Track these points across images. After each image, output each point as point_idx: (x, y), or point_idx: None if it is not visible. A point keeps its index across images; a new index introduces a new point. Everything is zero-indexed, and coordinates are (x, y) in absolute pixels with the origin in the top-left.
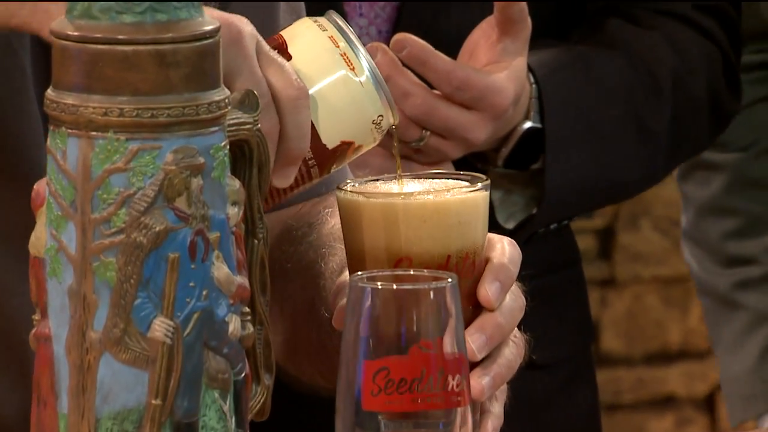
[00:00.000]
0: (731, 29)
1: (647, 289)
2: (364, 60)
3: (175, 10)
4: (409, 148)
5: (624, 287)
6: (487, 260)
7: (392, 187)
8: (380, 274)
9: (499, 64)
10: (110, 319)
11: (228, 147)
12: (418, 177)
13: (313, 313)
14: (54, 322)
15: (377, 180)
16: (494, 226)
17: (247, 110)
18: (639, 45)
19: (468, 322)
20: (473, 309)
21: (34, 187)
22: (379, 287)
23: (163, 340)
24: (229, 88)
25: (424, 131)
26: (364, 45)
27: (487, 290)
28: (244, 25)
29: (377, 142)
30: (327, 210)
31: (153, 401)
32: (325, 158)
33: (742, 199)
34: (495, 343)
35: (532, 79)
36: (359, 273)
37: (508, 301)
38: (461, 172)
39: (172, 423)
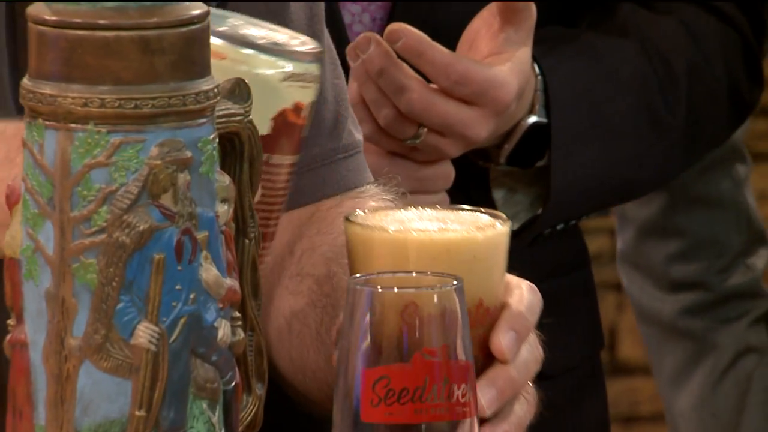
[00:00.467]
0: (753, 13)
1: None
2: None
3: None
4: (404, 146)
5: None
6: (503, 306)
7: (403, 218)
8: (381, 276)
9: (501, 56)
10: (91, 325)
11: (217, 140)
12: (433, 209)
13: (321, 335)
14: (30, 328)
15: (389, 209)
16: None
17: (237, 101)
18: (653, 32)
19: (479, 373)
20: (485, 359)
21: (9, 183)
22: (379, 290)
23: (147, 347)
24: None
25: (420, 128)
26: (359, 35)
27: (501, 340)
28: None
29: (316, 91)
30: (341, 218)
31: (137, 412)
32: (269, 143)
33: (686, 219)
34: (507, 398)
35: (537, 71)
36: (358, 275)
37: (523, 352)
38: (481, 209)
39: None
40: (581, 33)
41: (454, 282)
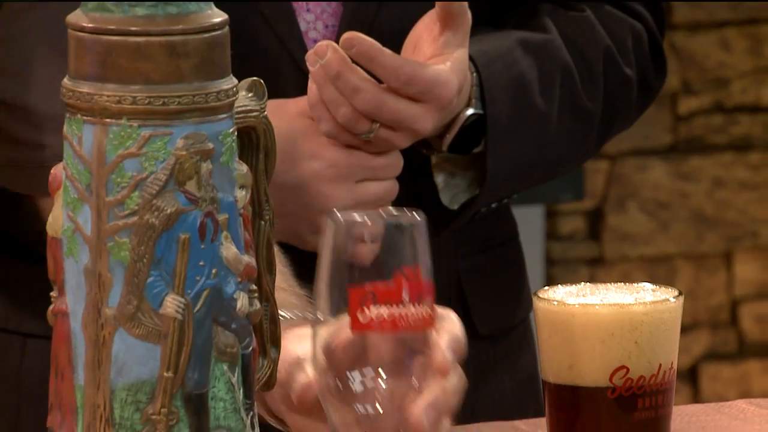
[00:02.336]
0: (656, 9)
1: (634, 267)
2: None
3: (185, 3)
4: (360, 140)
5: (612, 266)
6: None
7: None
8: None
9: (442, 57)
10: (124, 297)
11: (236, 133)
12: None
13: None
14: (71, 299)
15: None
16: (439, 208)
17: (254, 98)
18: (572, 28)
19: None
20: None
21: (52, 171)
22: (359, 220)
23: (174, 316)
24: None
25: (373, 123)
26: (314, 40)
27: (446, 357)
28: None
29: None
30: None
31: (165, 374)
32: None
33: None
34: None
35: (473, 68)
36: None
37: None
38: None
39: (183, 394)
40: (510, 32)
41: (418, 218)
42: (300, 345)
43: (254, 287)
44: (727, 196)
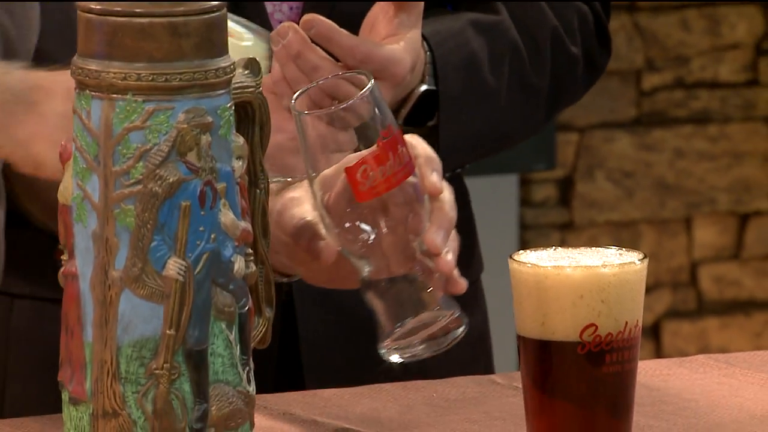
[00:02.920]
0: None
1: (601, 232)
2: (241, 28)
3: None
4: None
5: (581, 230)
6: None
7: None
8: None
9: (396, 37)
10: (129, 260)
11: (233, 108)
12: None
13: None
14: (80, 262)
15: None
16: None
17: (250, 75)
18: (520, 9)
19: None
20: None
21: (62, 143)
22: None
23: (176, 278)
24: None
25: (334, 101)
26: (279, 21)
27: (434, 180)
28: None
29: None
30: None
31: (167, 331)
32: None
33: None
34: (449, 234)
35: (426, 47)
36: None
37: (447, 194)
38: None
39: (185, 350)
40: (462, 14)
41: (371, 81)
42: (298, 208)
43: (250, 251)
44: (687, 165)
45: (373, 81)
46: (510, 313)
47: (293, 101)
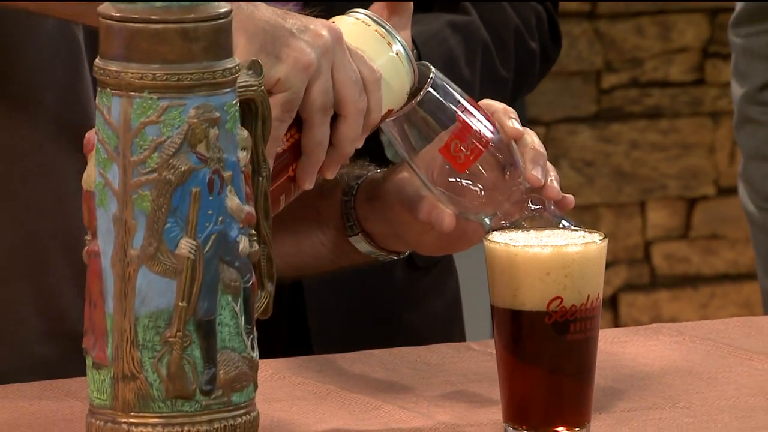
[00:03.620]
0: None
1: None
2: (399, 44)
3: None
4: None
5: None
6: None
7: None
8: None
9: None
10: (146, 240)
11: (238, 104)
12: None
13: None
14: (102, 242)
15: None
16: (384, 162)
17: (253, 75)
18: (488, 11)
19: None
20: None
21: (86, 135)
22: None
23: (187, 256)
24: (332, 76)
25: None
26: None
27: (513, 125)
28: (336, 30)
29: (403, 109)
30: None
31: (180, 303)
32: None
33: None
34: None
35: (413, 47)
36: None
37: (530, 137)
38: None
39: (195, 321)
40: (439, 15)
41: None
42: (410, 186)
43: (254, 232)
44: (641, 155)
45: (433, 69)
46: (483, 285)
47: None
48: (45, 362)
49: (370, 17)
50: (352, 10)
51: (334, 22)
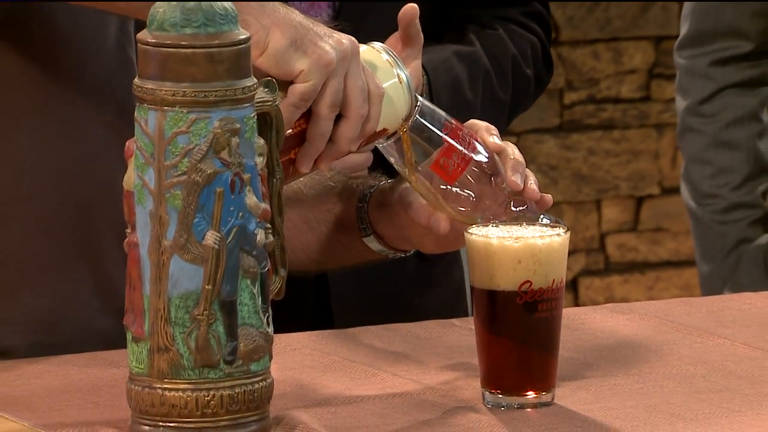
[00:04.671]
0: (546, 26)
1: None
2: (405, 75)
3: (221, 25)
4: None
5: None
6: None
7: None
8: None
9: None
10: (177, 232)
11: (256, 117)
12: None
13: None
14: (140, 234)
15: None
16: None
17: (268, 93)
18: (489, 41)
19: None
20: None
21: (126, 143)
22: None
23: (213, 246)
24: (345, 81)
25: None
26: None
27: (493, 140)
28: (355, 43)
29: (396, 132)
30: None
31: (206, 286)
32: (370, 136)
33: (716, 155)
34: (523, 171)
35: (423, 73)
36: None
37: (510, 148)
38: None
39: (219, 301)
40: (447, 46)
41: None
42: (413, 195)
43: (269, 226)
44: (597, 161)
45: (420, 99)
46: None
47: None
48: (102, 335)
49: (383, 48)
50: (370, 42)
51: None
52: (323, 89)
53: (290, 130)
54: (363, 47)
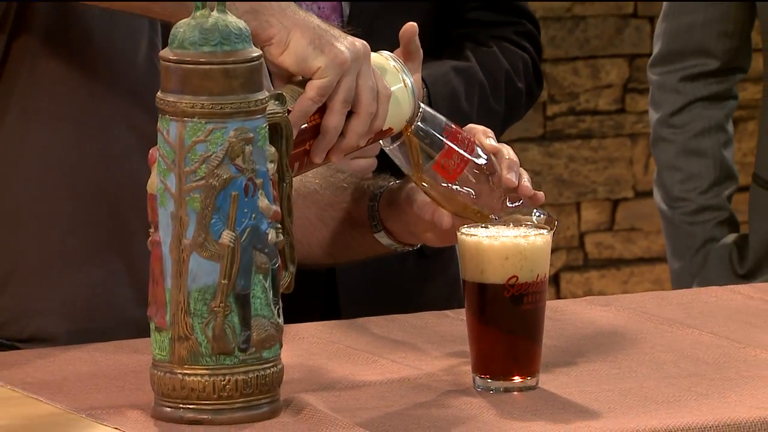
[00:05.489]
0: (536, 44)
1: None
2: (410, 81)
3: (235, 44)
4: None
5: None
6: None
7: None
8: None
9: None
10: (196, 232)
11: (267, 127)
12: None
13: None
14: (162, 233)
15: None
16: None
17: (278, 105)
18: (484, 58)
19: None
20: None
21: (150, 151)
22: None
23: (228, 244)
24: (356, 80)
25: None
26: None
27: (490, 143)
28: (367, 46)
29: (402, 135)
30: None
31: (222, 281)
32: (377, 134)
33: (685, 162)
34: (518, 170)
35: (424, 86)
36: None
37: (505, 149)
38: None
39: (234, 294)
40: (445, 62)
41: (421, 109)
42: (419, 194)
43: (279, 226)
44: (576, 167)
45: (422, 106)
46: None
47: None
48: (135, 323)
49: (391, 56)
50: (380, 50)
51: None
52: (337, 86)
53: (305, 124)
54: (373, 54)
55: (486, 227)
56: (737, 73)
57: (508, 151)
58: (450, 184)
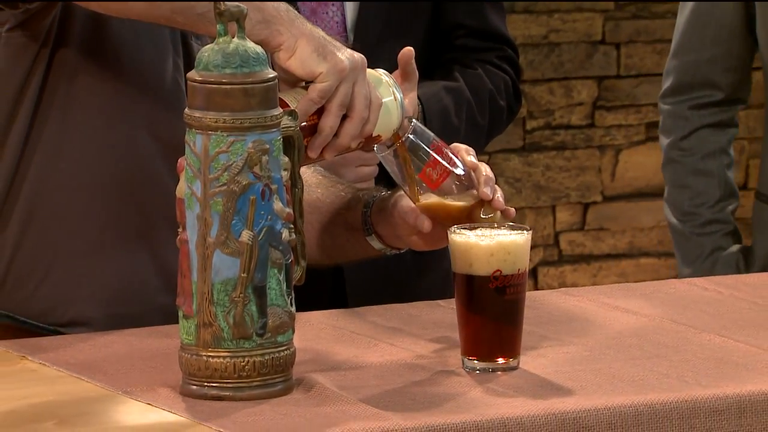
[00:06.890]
0: (516, 67)
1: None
2: (399, 95)
3: (254, 66)
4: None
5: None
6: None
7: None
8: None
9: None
10: (219, 231)
11: (281, 139)
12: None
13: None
14: (189, 233)
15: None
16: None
17: (291, 120)
18: (471, 79)
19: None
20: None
21: (178, 161)
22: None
23: (247, 242)
24: (353, 88)
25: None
26: None
27: (471, 160)
28: (364, 60)
29: (388, 141)
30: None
31: (242, 275)
32: (367, 139)
33: (694, 181)
34: (494, 186)
35: (419, 103)
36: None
37: (482, 166)
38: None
39: (252, 286)
40: (437, 82)
41: (412, 122)
42: (404, 201)
43: (292, 226)
44: (552, 174)
45: (414, 121)
46: None
47: (377, 151)
48: (163, 310)
49: (385, 73)
50: (376, 68)
51: None
52: (336, 91)
53: (304, 123)
54: (370, 69)
55: (474, 228)
56: (738, 103)
57: (485, 169)
58: (432, 192)
